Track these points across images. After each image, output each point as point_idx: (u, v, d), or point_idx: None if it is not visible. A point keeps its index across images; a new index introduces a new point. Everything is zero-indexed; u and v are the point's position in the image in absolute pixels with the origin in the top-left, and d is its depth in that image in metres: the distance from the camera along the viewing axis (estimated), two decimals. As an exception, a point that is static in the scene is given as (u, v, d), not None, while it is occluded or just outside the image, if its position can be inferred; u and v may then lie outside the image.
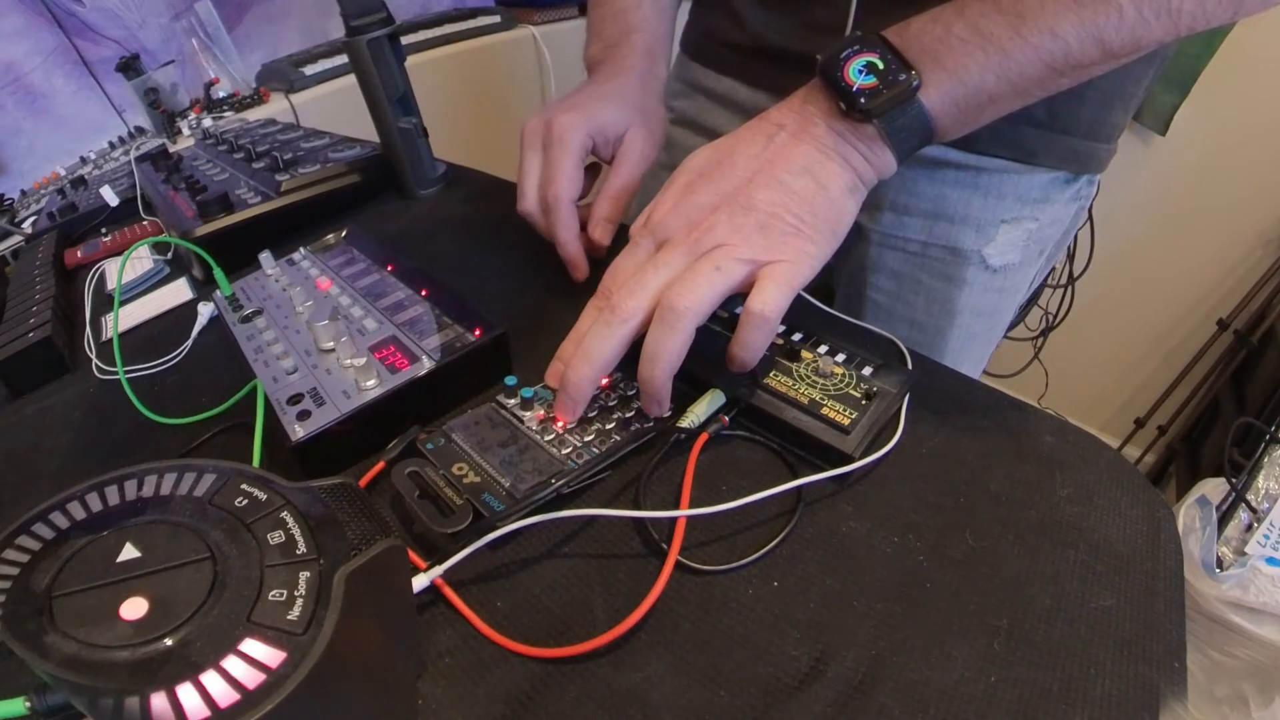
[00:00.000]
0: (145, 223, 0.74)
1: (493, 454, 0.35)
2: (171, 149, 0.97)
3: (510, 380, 0.39)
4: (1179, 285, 1.41)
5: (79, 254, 0.71)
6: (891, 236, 0.57)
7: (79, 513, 0.22)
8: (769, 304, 0.33)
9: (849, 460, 0.33)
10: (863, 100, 0.35)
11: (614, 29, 0.55)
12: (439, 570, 0.30)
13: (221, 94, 1.38)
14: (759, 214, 0.35)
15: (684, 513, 0.32)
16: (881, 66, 0.36)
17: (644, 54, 0.54)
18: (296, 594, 0.20)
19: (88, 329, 0.55)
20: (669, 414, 0.37)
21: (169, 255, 0.67)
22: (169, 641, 0.19)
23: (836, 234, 0.37)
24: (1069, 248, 1.14)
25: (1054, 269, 0.93)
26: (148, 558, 0.21)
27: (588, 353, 0.35)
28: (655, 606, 0.29)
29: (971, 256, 0.55)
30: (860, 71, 0.36)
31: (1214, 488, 1.00)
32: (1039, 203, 0.53)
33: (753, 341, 0.34)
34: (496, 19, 1.66)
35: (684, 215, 0.37)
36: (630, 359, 0.35)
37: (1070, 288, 1.30)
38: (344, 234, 0.56)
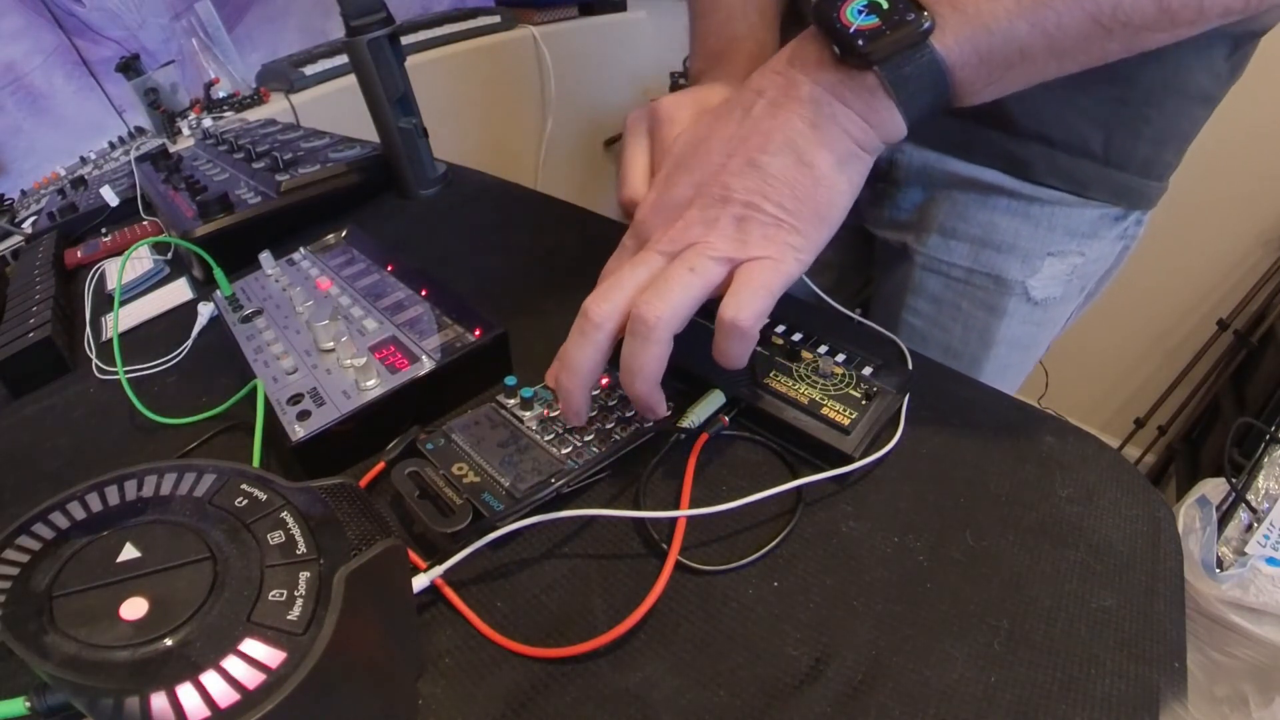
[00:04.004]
0: (145, 223, 0.74)
1: (493, 454, 0.35)
2: (171, 149, 0.97)
3: (510, 380, 0.39)
4: (1179, 285, 1.41)
5: (79, 254, 0.71)
6: (936, 260, 0.56)
7: (79, 513, 0.22)
8: (742, 311, 0.30)
9: (849, 460, 0.33)
10: (860, 43, 0.30)
11: (719, 40, 0.52)
12: (439, 570, 0.30)
13: (221, 94, 1.37)
14: (735, 205, 0.32)
15: (684, 513, 0.32)
16: (886, 6, 0.30)
17: (752, 61, 0.50)
18: (296, 594, 0.20)
19: (88, 329, 0.55)
20: (669, 414, 0.37)
21: (169, 255, 0.67)
22: (169, 641, 0.19)
23: (827, 218, 0.33)
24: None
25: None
26: (148, 558, 0.21)
27: (568, 363, 0.33)
28: (655, 606, 0.29)
29: (1015, 287, 0.54)
30: (860, 11, 0.30)
31: (1214, 488, 1.00)
32: (1086, 237, 0.52)
33: (730, 351, 0.32)
34: (496, 19, 1.66)
35: (662, 212, 0.35)
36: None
37: (1070, 288, 1.29)
38: (344, 234, 0.56)
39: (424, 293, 0.46)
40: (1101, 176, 0.49)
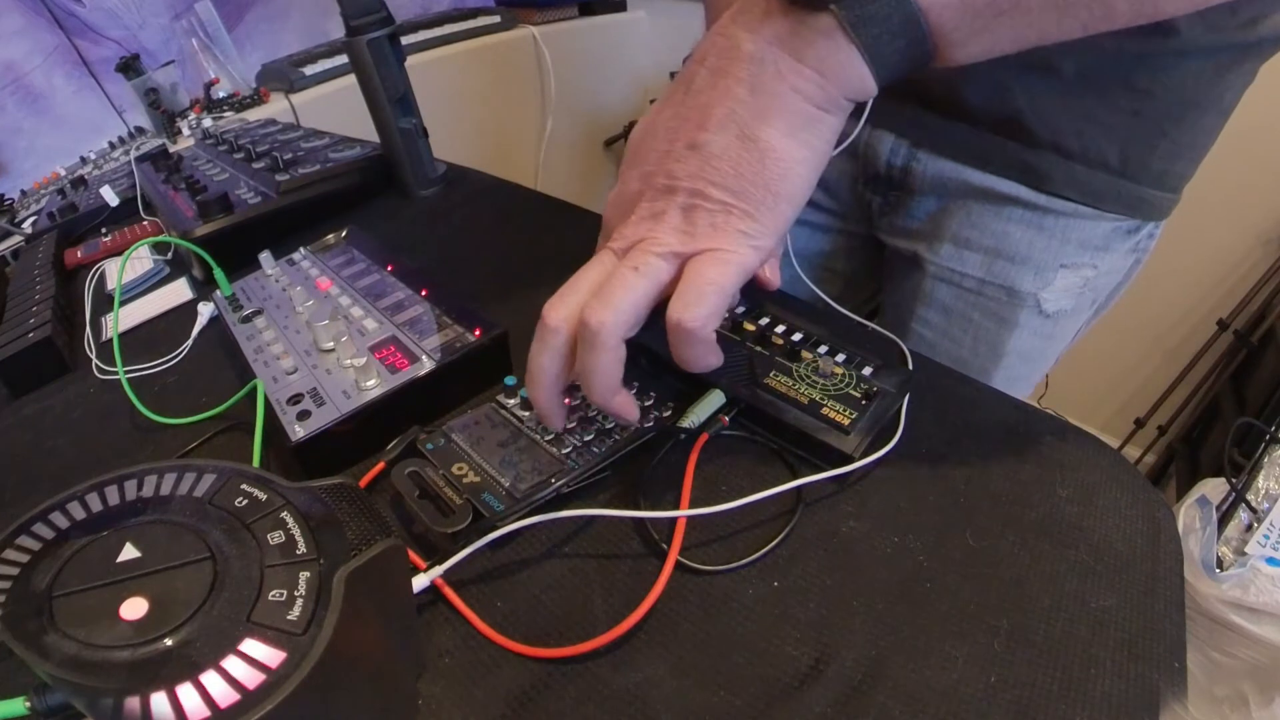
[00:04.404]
0: (145, 223, 0.74)
1: (493, 454, 0.35)
2: (171, 149, 0.98)
3: (510, 380, 0.39)
4: (1179, 285, 1.41)
5: (79, 254, 0.71)
6: (948, 270, 0.55)
7: (79, 513, 0.22)
8: (687, 312, 0.28)
9: (849, 460, 0.33)
10: None
11: None
12: (439, 570, 0.30)
13: (221, 94, 1.37)
14: (681, 194, 0.30)
15: (684, 513, 0.32)
16: None
17: None
18: (296, 594, 0.20)
19: (88, 329, 0.55)
20: (669, 412, 0.37)
21: (169, 255, 0.67)
22: (169, 641, 0.19)
23: (783, 194, 0.29)
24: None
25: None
26: (148, 558, 0.21)
27: (529, 371, 0.32)
28: (655, 606, 0.29)
29: (1027, 299, 0.53)
30: None
31: (1214, 488, 1.00)
32: (1099, 250, 0.52)
33: (683, 354, 0.30)
34: (496, 19, 1.66)
35: (618, 208, 0.33)
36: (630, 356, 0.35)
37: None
38: (344, 234, 0.56)
39: (424, 293, 0.46)
40: (1115, 188, 0.48)
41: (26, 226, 0.91)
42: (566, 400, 0.36)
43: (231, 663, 0.18)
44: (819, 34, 0.28)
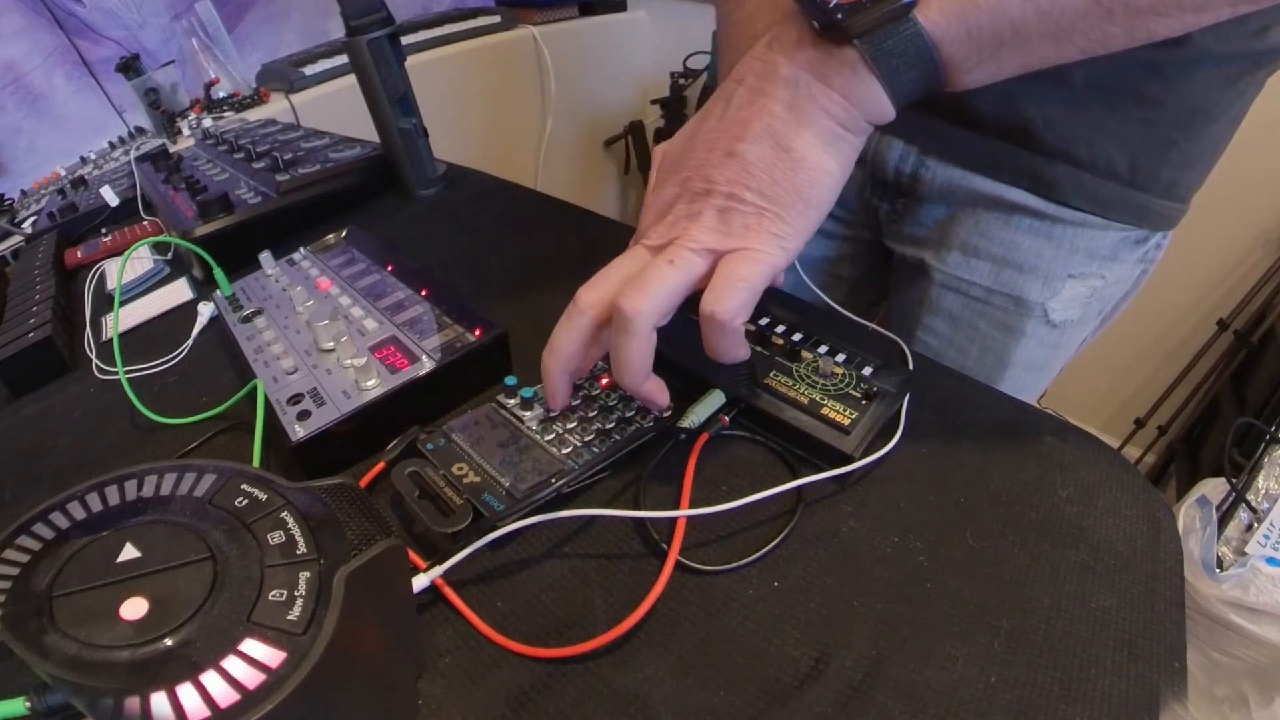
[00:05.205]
0: (145, 223, 0.74)
1: (493, 454, 0.35)
2: (171, 149, 0.98)
3: (510, 380, 0.39)
4: (1179, 285, 1.40)
5: (79, 254, 0.71)
6: (955, 278, 0.55)
7: (79, 513, 0.23)
8: (720, 304, 0.30)
9: (849, 460, 0.33)
10: (840, 16, 0.29)
11: None
12: (439, 570, 0.30)
13: (221, 94, 1.37)
14: (717, 197, 0.32)
15: (684, 513, 0.32)
16: None
17: None
18: (296, 594, 0.20)
19: (88, 329, 0.55)
20: (668, 413, 0.37)
21: (169, 255, 0.67)
22: (169, 641, 0.19)
23: (812, 201, 0.32)
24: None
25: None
26: (148, 558, 0.21)
27: (551, 343, 0.34)
28: (655, 606, 0.29)
29: (1035, 309, 0.53)
30: None
31: (1214, 488, 1.00)
32: (1107, 260, 0.51)
33: (715, 344, 0.32)
34: (496, 19, 1.66)
35: (654, 210, 0.35)
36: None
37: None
38: (344, 234, 0.56)
39: (424, 293, 0.46)
40: (1124, 197, 0.48)
41: (26, 226, 0.91)
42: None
43: (231, 663, 0.18)
44: (844, 65, 0.31)
